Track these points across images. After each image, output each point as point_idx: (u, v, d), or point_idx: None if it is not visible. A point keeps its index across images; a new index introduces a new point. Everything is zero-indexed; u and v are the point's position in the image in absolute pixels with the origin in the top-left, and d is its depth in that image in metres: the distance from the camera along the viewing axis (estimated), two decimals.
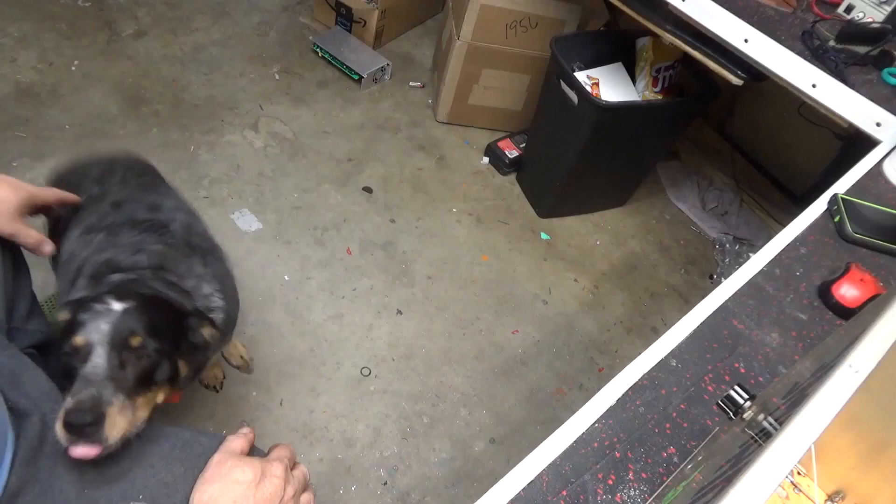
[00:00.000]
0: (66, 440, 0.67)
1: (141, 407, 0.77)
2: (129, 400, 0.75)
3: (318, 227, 1.87)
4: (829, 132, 1.81)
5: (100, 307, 0.79)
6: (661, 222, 2.22)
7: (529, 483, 0.64)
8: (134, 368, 0.77)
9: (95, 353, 0.75)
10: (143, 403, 0.78)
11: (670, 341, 0.80)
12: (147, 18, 2.34)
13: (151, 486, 0.68)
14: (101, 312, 0.78)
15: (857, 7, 1.38)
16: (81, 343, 0.76)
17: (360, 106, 2.28)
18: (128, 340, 0.77)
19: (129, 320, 0.79)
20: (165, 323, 0.84)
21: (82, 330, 0.77)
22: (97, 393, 0.72)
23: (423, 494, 1.41)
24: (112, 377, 0.74)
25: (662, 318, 1.92)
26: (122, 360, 0.77)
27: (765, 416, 0.56)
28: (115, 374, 0.75)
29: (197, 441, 0.73)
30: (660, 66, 1.86)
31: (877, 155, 1.15)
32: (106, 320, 0.77)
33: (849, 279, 0.86)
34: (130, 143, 1.91)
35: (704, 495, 0.50)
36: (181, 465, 0.70)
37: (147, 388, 0.79)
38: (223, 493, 0.65)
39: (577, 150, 1.84)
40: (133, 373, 0.77)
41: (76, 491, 0.64)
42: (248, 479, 0.66)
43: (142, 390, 0.78)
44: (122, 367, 0.77)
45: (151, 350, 0.79)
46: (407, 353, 1.65)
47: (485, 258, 1.93)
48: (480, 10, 1.98)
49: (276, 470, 0.69)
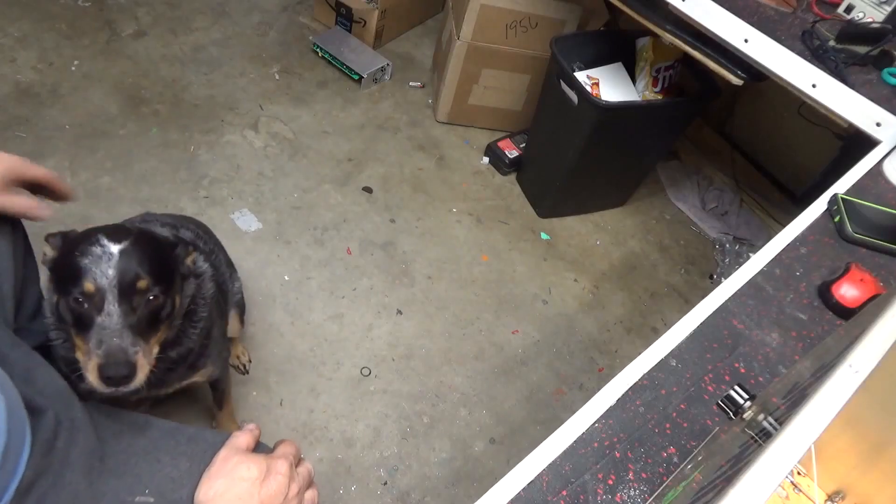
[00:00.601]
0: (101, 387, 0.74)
1: (154, 346, 0.82)
2: (145, 344, 0.80)
3: (318, 227, 1.87)
4: (829, 132, 1.81)
5: (97, 250, 0.79)
6: (661, 222, 2.23)
7: (529, 483, 0.64)
8: (144, 312, 0.80)
9: (107, 301, 0.77)
10: (154, 342, 0.83)
11: (670, 341, 0.80)
12: (147, 18, 2.34)
13: (158, 481, 0.68)
14: (101, 256, 0.78)
15: (857, 7, 1.38)
16: (92, 290, 0.77)
17: (360, 106, 2.28)
18: (136, 285, 0.79)
19: (131, 263, 0.80)
20: (160, 259, 0.86)
21: (89, 276, 0.77)
22: (122, 343, 0.76)
23: (423, 494, 1.41)
24: (129, 325, 0.78)
25: (662, 318, 1.92)
26: (133, 305, 0.79)
27: (765, 416, 0.56)
28: (129, 320, 0.78)
29: (203, 437, 0.73)
30: (660, 66, 1.86)
31: (877, 155, 1.15)
32: (109, 264, 0.78)
33: (849, 279, 0.86)
34: (130, 142, 1.91)
35: (704, 495, 0.50)
36: (187, 459, 0.70)
37: (156, 327, 0.83)
38: (228, 489, 0.65)
39: (577, 150, 1.84)
40: (144, 316, 0.80)
41: (85, 482, 0.65)
42: (253, 475, 0.67)
43: (152, 331, 0.82)
44: (134, 311, 0.79)
45: (157, 291, 0.82)
46: (407, 353, 1.65)
47: (485, 258, 1.93)
48: (480, 10, 1.98)
49: (280, 467, 0.69)
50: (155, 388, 1.02)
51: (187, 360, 1.02)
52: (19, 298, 0.97)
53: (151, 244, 0.86)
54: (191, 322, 0.99)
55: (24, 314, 1.02)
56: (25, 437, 0.63)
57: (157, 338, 0.84)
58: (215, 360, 1.12)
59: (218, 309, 1.10)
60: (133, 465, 0.69)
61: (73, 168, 1.80)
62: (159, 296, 0.82)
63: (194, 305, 0.99)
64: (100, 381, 0.74)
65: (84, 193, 1.75)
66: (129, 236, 0.83)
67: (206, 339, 1.04)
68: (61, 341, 0.88)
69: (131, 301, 0.79)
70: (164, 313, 0.85)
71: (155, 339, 0.83)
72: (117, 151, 1.88)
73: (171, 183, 1.85)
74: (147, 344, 0.80)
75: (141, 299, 0.80)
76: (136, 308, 0.80)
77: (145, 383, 0.98)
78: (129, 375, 0.75)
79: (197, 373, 1.08)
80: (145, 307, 0.81)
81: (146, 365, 0.78)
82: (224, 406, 1.33)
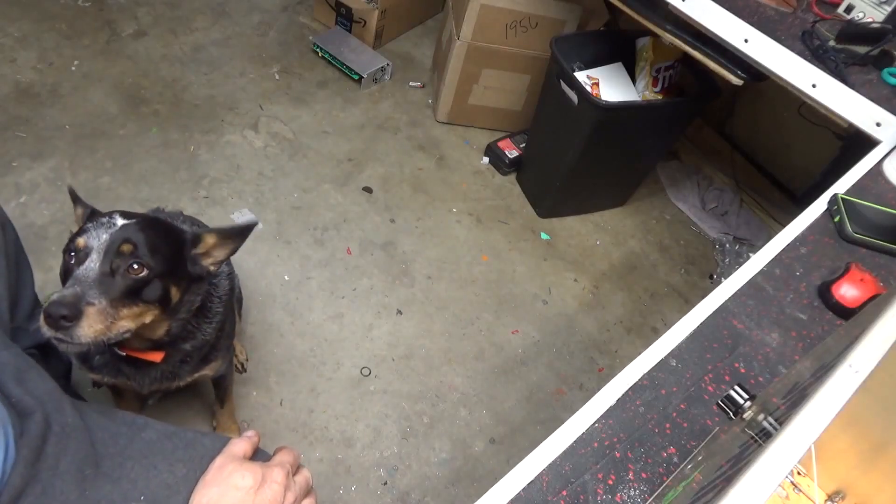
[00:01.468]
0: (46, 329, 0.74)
1: (123, 318, 0.81)
2: (111, 307, 0.79)
3: (318, 227, 1.87)
4: (829, 132, 1.81)
5: (105, 220, 0.85)
6: (661, 222, 2.23)
7: (529, 483, 0.64)
8: (123, 279, 0.81)
9: (90, 258, 0.81)
10: (126, 315, 0.82)
11: (670, 341, 0.80)
12: (147, 18, 2.34)
13: (153, 487, 0.67)
14: (105, 224, 0.84)
15: (857, 7, 1.38)
16: (81, 245, 0.82)
17: (360, 106, 2.28)
18: (120, 247, 0.82)
19: (127, 232, 0.84)
20: (162, 242, 0.88)
21: (85, 235, 0.83)
22: (81, 292, 0.77)
23: (423, 494, 1.41)
24: (100, 281, 0.79)
25: (662, 318, 1.92)
26: (112, 267, 0.81)
27: (765, 416, 0.56)
28: (103, 279, 0.80)
29: (200, 442, 0.73)
30: (660, 66, 1.86)
31: (877, 155, 1.15)
32: (107, 231, 0.83)
33: (849, 279, 0.86)
34: (130, 142, 1.91)
35: (704, 495, 0.50)
36: (184, 465, 0.70)
37: (134, 302, 0.83)
38: (222, 497, 0.65)
39: (577, 150, 1.84)
40: (122, 282, 0.81)
41: (77, 491, 0.64)
42: (248, 484, 0.66)
43: (127, 302, 0.82)
44: (112, 273, 0.81)
45: (143, 263, 0.83)
46: (407, 353, 1.65)
47: (485, 258, 1.93)
48: (480, 10, 1.98)
49: (276, 475, 0.69)
50: (168, 380, 1.04)
51: (201, 353, 1.04)
52: (14, 299, 0.97)
53: (159, 228, 0.89)
54: (205, 318, 1.01)
55: (20, 315, 1.02)
56: (8, 438, 0.62)
57: (131, 312, 0.82)
58: (225, 355, 1.14)
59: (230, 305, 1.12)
60: (129, 470, 0.68)
61: (73, 168, 1.80)
62: (144, 269, 0.83)
63: (210, 302, 1.01)
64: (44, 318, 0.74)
65: (84, 193, 1.73)
66: (141, 217, 0.87)
67: (220, 333, 1.06)
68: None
69: (111, 262, 0.81)
70: (148, 292, 0.84)
71: (128, 311, 0.82)
72: (117, 151, 1.88)
73: (171, 183, 1.85)
74: (113, 309, 0.79)
75: (122, 263, 0.82)
76: (114, 270, 0.81)
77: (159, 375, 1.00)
78: (70, 318, 0.74)
79: (208, 366, 1.10)
80: (125, 273, 0.82)
81: (98, 325, 0.77)
82: (225, 404, 1.34)
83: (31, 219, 1.66)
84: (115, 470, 0.68)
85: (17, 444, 0.62)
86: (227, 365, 1.20)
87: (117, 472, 0.68)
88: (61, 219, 1.68)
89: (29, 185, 1.73)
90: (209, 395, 1.43)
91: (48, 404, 0.69)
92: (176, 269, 0.89)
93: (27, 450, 0.62)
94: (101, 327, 0.78)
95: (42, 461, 0.63)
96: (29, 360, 0.74)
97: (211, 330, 1.02)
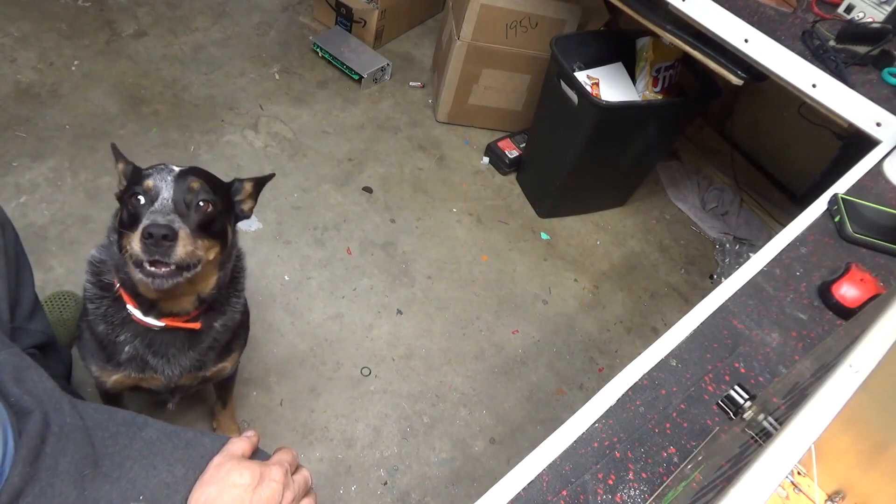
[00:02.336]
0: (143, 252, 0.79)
1: (200, 248, 0.86)
2: (194, 235, 0.85)
3: (318, 227, 1.87)
4: (829, 132, 1.80)
5: (162, 167, 0.91)
6: (661, 222, 2.23)
7: (529, 483, 0.64)
8: (196, 212, 0.87)
9: (162, 196, 0.86)
10: (202, 245, 0.87)
11: (670, 341, 0.80)
12: (147, 18, 2.34)
13: (152, 487, 0.67)
14: (164, 170, 0.90)
15: (857, 7, 1.38)
16: (150, 186, 0.86)
17: (360, 106, 2.28)
18: (189, 184, 0.88)
19: (188, 174, 0.90)
20: (219, 183, 0.95)
21: (150, 178, 0.87)
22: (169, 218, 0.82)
23: (423, 494, 1.41)
24: (179, 212, 0.85)
25: (662, 318, 1.92)
26: (185, 201, 0.87)
27: (765, 416, 0.56)
28: (181, 210, 0.86)
29: (200, 442, 0.72)
30: (660, 66, 1.86)
31: (877, 155, 1.15)
32: (169, 175, 0.89)
33: (849, 279, 0.86)
34: (130, 142, 1.91)
35: (704, 495, 0.50)
36: (183, 465, 0.69)
37: (206, 234, 0.88)
38: (220, 495, 0.65)
39: (577, 150, 1.84)
40: (196, 216, 0.87)
41: (76, 491, 0.64)
42: (246, 482, 0.66)
43: (202, 234, 0.87)
44: (187, 207, 0.87)
45: (209, 198, 0.89)
46: (407, 353, 1.65)
47: (485, 258, 1.93)
48: (480, 10, 1.98)
49: (275, 474, 0.68)
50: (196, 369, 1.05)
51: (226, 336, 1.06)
52: (14, 299, 0.97)
53: (209, 174, 0.95)
54: (235, 290, 1.04)
55: (20, 314, 1.02)
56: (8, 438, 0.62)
57: (205, 244, 0.87)
58: (241, 349, 1.16)
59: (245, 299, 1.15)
60: (128, 469, 0.68)
61: (73, 168, 1.80)
62: (211, 204, 0.88)
63: (237, 275, 1.05)
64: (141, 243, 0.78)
65: (84, 193, 1.75)
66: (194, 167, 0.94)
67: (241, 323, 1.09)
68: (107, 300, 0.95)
69: (184, 197, 0.86)
70: (215, 226, 0.90)
71: (202, 243, 0.86)
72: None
73: None
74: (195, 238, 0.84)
75: (193, 198, 0.87)
76: (188, 204, 0.87)
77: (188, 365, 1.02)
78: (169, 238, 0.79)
79: (229, 357, 1.11)
80: (197, 208, 0.87)
81: (188, 248, 0.82)
82: (227, 405, 1.34)
83: (31, 219, 1.66)
84: (115, 469, 0.68)
85: (15, 444, 0.62)
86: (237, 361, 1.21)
87: (116, 472, 0.67)
88: (61, 219, 1.68)
89: (29, 185, 1.73)
90: (210, 397, 1.43)
91: (47, 404, 0.68)
92: (230, 209, 0.97)
93: (26, 449, 0.62)
94: (191, 250, 0.83)
95: (41, 461, 0.63)
96: (28, 360, 0.74)
97: (239, 307, 1.05)
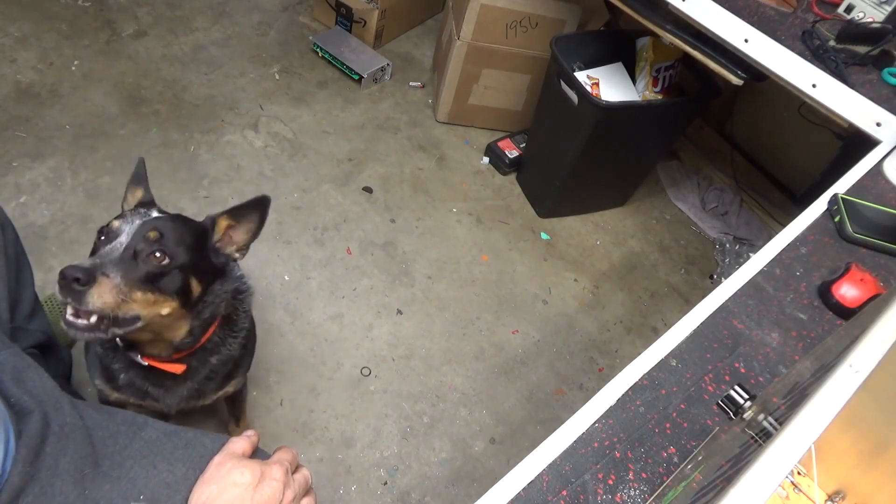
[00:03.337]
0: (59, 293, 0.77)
1: (135, 301, 0.82)
2: (126, 286, 0.80)
3: (318, 227, 1.87)
4: (829, 132, 1.81)
5: (143, 210, 0.90)
6: (661, 222, 2.22)
7: (529, 483, 0.64)
8: (144, 263, 0.83)
9: (119, 240, 0.84)
10: (139, 299, 0.82)
11: (670, 341, 0.80)
12: (147, 18, 2.34)
13: (153, 486, 0.67)
14: (141, 214, 0.89)
15: (857, 7, 1.38)
16: (115, 227, 0.86)
17: (360, 106, 2.28)
18: (148, 235, 0.85)
19: (157, 222, 0.87)
20: (189, 235, 0.90)
21: (121, 219, 0.87)
22: (100, 264, 0.79)
23: (423, 494, 1.41)
24: (121, 261, 0.81)
25: (662, 318, 1.92)
26: (136, 250, 0.83)
27: (765, 416, 0.56)
28: (125, 260, 0.82)
29: (200, 441, 0.72)
30: (660, 66, 1.86)
31: (877, 155, 1.15)
32: (141, 218, 0.87)
33: (849, 279, 0.86)
34: (130, 142, 1.91)
35: (704, 495, 0.50)
36: (183, 465, 0.70)
37: (150, 288, 0.83)
38: (220, 494, 0.65)
39: (577, 150, 1.84)
40: (142, 267, 0.83)
41: (77, 491, 0.64)
42: (247, 481, 0.66)
43: (143, 287, 0.83)
44: (135, 257, 0.83)
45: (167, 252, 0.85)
46: (407, 353, 1.65)
47: (485, 258, 1.93)
48: (480, 10, 1.98)
49: (275, 473, 0.69)
50: (195, 398, 1.04)
51: (226, 368, 1.04)
52: (14, 299, 0.97)
53: (188, 224, 0.92)
54: (231, 331, 1.01)
55: (20, 314, 1.02)
56: (10, 438, 0.62)
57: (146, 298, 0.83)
58: (245, 372, 1.15)
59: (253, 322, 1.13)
60: (128, 469, 0.68)
61: (73, 168, 1.80)
62: (165, 258, 0.85)
63: (236, 316, 1.02)
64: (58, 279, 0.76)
65: (84, 193, 1.75)
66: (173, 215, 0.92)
67: (243, 350, 1.07)
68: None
69: (137, 245, 0.83)
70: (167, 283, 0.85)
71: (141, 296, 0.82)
72: (117, 151, 1.88)
73: (171, 183, 1.85)
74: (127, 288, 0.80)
75: (147, 248, 0.83)
76: (138, 253, 0.83)
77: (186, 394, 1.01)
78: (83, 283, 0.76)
79: (231, 382, 1.10)
80: (147, 258, 0.83)
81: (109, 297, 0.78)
82: (241, 422, 1.35)
83: (31, 219, 1.66)
84: (115, 469, 0.68)
85: (16, 444, 0.62)
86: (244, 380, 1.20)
87: (117, 472, 0.67)
88: (61, 219, 1.68)
89: (29, 185, 1.73)
90: (223, 413, 1.43)
91: (47, 404, 0.68)
92: (199, 262, 0.90)
93: (26, 449, 0.62)
94: (111, 300, 0.78)
95: (41, 461, 0.63)
96: (28, 360, 0.74)
97: (237, 345, 1.02)
